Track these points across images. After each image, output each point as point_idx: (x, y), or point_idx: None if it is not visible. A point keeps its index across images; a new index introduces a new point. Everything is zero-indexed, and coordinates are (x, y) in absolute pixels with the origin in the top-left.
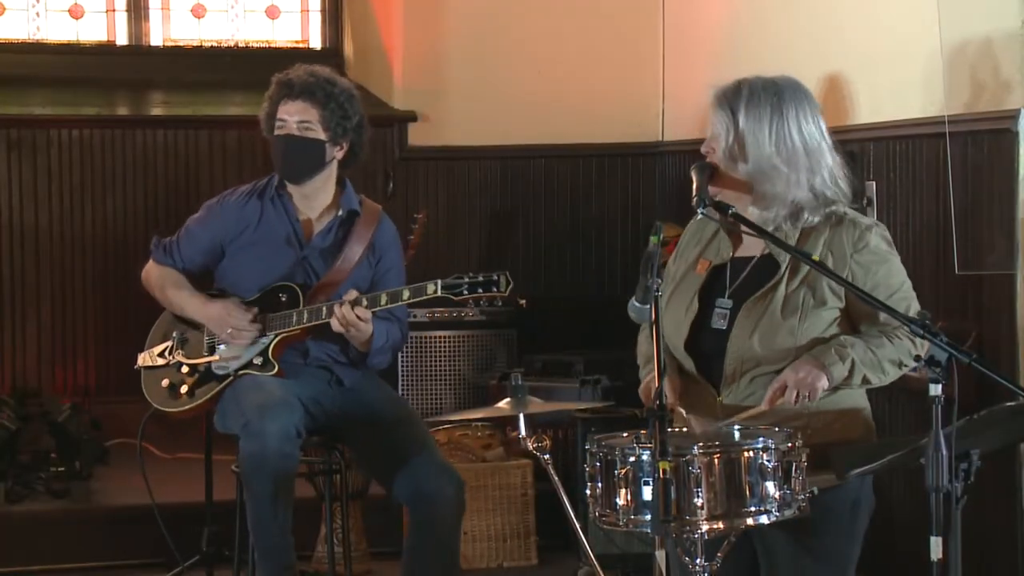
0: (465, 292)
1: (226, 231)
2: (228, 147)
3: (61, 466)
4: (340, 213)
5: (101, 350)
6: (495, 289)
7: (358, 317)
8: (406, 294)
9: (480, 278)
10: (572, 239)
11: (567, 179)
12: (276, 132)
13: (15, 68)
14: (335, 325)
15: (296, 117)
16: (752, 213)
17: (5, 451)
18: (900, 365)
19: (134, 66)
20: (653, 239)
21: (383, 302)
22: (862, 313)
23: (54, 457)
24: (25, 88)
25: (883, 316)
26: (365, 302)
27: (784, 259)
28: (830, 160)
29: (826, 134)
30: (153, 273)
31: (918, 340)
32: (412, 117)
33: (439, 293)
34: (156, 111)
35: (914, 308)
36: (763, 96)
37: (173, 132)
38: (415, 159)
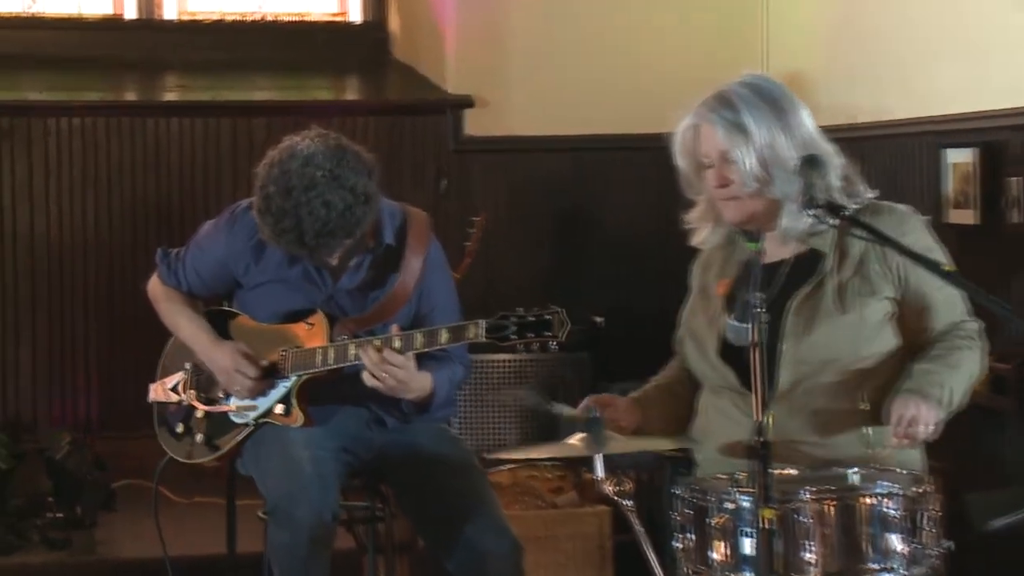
0: (512, 336)
1: (236, 262)
2: (254, 137)
3: (60, 512)
4: (374, 246)
5: (106, 377)
6: (547, 334)
7: (393, 364)
8: (444, 336)
9: (531, 318)
10: (658, 244)
11: (651, 174)
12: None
13: (7, 46)
14: (368, 380)
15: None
16: (783, 225)
17: None
18: (973, 376)
19: (144, 44)
20: (751, 245)
21: (418, 343)
22: (920, 310)
23: (51, 501)
24: (18, 69)
25: (947, 318)
26: (397, 343)
27: (830, 250)
28: (829, 147)
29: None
30: (158, 291)
31: (981, 345)
32: (468, 102)
33: (482, 338)
34: (170, 96)
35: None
36: (756, 101)
37: (190, 120)
38: (471, 152)
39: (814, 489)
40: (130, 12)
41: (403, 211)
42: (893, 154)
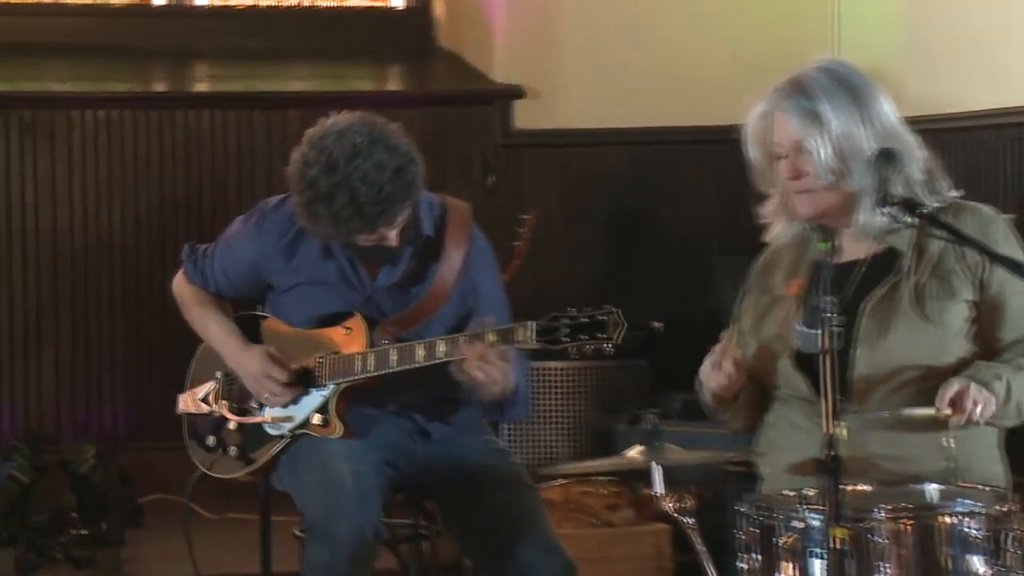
0: (564, 339)
1: (266, 262)
2: (288, 131)
3: (84, 528)
4: (413, 237)
5: (133, 385)
6: (601, 336)
7: (498, 359)
8: (490, 339)
9: (584, 319)
10: (722, 245)
11: (715, 170)
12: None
13: (29, 35)
14: (457, 373)
15: (372, 240)
16: (859, 221)
17: (16, 510)
18: None
19: (174, 31)
20: (822, 246)
21: (440, 350)
22: (993, 316)
23: (75, 517)
24: (41, 59)
25: (1017, 329)
26: (493, 336)
27: (908, 249)
28: (911, 139)
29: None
30: (185, 291)
31: None
32: (518, 93)
33: (533, 343)
34: (201, 87)
35: None
36: (834, 88)
37: (222, 113)
38: (521, 146)
39: (889, 507)
40: None
41: (442, 201)
42: (975, 147)
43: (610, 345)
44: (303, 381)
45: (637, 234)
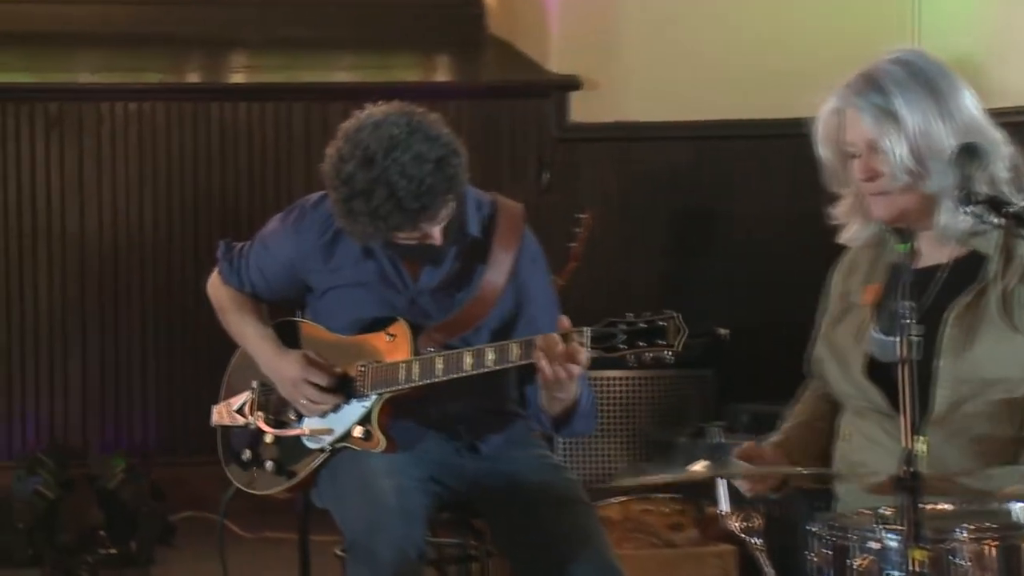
0: (622, 346)
1: (304, 263)
2: (330, 124)
3: (113, 547)
4: (457, 238)
5: (165, 396)
6: (660, 342)
7: (576, 362)
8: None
9: (642, 324)
10: (792, 247)
11: (785, 166)
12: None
13: (55, 22)
14: (540, 367)
15: (414, 238)
16: (940, 223)
17: (41, 527)
18: None
19: (210, 19)
20: (900, 247)
21: (514, 355)
22: None
23: (103, 535)
24: (69, 49)
25: None
26: (579, 339)
27: (995, 253)
28: (996, 135)
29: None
30: (220, 292)
31: None
32: (574, 84)
33: (587, 349)
34: (238, 78)
35: None
36: (909, 81)
37: (260, 105)
38: (578, 140)
39: (972, 527)
40: None
41: (493, 201)
42: None
43: (670, 353)
44: (343, 389)
45: (701, 235)
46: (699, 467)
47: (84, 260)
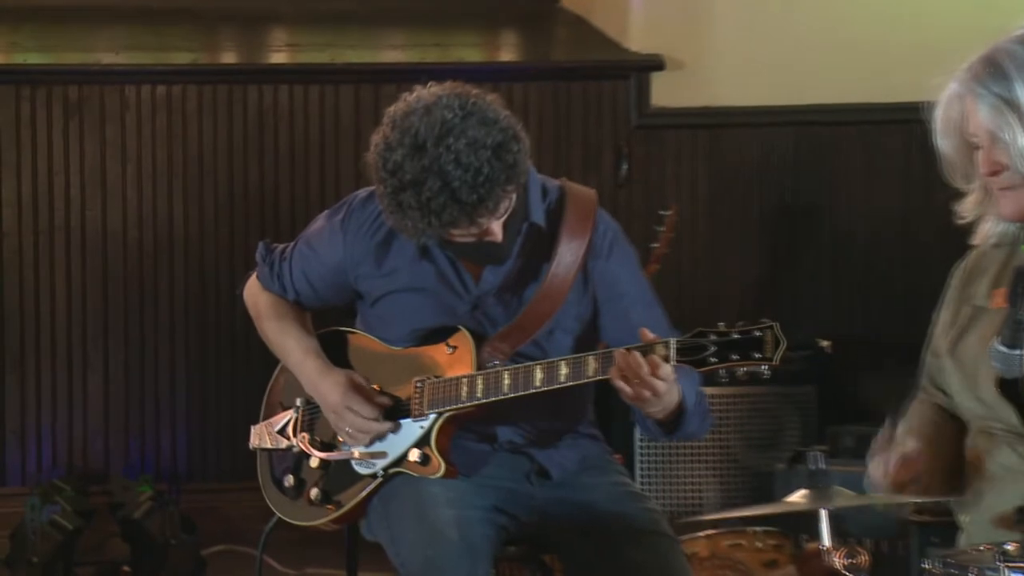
0: (712, 360)
1: (355, 267)
2: (382, 109)
3: None
4: (520, 230)
5: (196, 414)
6: (756, 355)
7: (658, 377)
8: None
9: (735, 335)
10: (905, 248)
11: (898, 157)
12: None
13: None
14: (618, 386)
15: (471, 235)
16: None
17: (58, 560)
18: None
19: None
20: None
21: (590, 370)
22: None
23: (128, 571)
24: (91, 27)
25: None
26: (663, 350)
27: None
28: None
29: None
30: (259, 300)
31: None
32: (657, 64)
33: (673, 362)
34: (278, 58)
35: None
36: None
37: (303, 88)
38: (662, 127)
39: None
40: None
41: (562, 187)
42: None
43: (767, 367)
44: (394, 415)
45: (801, 234)
46: (798, 497)
47: (107, 262)
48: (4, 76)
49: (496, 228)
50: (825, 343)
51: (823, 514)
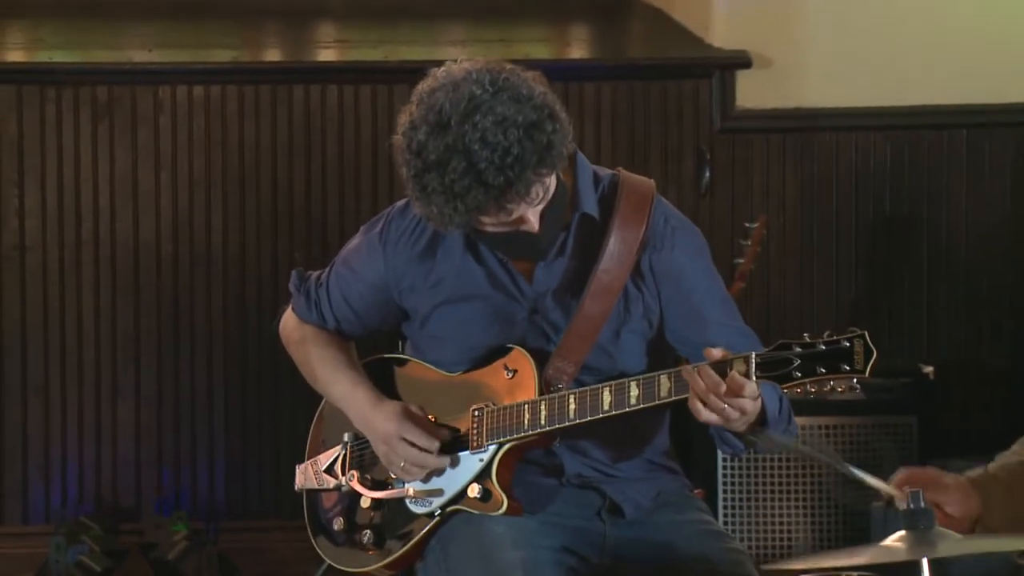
0: (797, 375)
1: (398, 280)
2: None
3: None
4: (567, 222)
5: (235, 447)
6: (845, 368)
7: (742, 396)
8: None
9: (821, 346)
10: (1018, 265)
11: (1006, 160)
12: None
13: None
14: (697, 411)
15: (503, 224)
16: None
17: None
18: None
19: None
20: None
21: (663, 390)
22: None
23: None
24: (121, 22)
25: None
26: (743, 367)
27: None
28: None
29: None
30: (295, 332)
31: None
32: (743, 61)
33: (753, 377)
34: (327, 55)
35: None
36: None
37: (353, 89)
38: (748, 131)
39: None
40: None
41: (615, 175)
42: None
43: (856, 381)
44: (452, 448)
45: (901, 248)
46: (896, 540)
47: (138, 278)
48: (28, 76)
49: (531, 216)
50: (927, 369)
51: (925, 561)
